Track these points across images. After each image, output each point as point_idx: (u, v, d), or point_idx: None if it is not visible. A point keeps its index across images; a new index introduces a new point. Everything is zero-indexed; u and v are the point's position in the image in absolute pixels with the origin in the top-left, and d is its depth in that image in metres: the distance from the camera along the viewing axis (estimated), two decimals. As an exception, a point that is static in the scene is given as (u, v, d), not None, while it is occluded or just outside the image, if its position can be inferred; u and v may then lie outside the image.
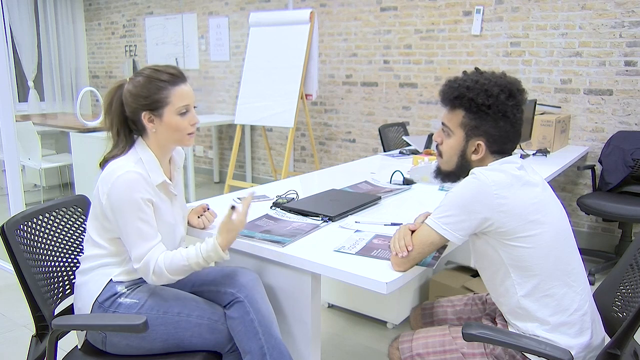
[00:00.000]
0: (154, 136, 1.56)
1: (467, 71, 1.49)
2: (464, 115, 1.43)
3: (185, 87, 1.55)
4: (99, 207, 1.52)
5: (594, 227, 3.86)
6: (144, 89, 1.50)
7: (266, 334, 1.53)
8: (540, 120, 3.49)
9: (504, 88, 1.40)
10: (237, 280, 1.61)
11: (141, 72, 1.54)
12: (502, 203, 1.33)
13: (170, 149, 1.63)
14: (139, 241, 1.47)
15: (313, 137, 5.05)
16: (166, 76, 1.52)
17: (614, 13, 3.53)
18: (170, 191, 1.62)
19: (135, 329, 1.36)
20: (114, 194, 1.45)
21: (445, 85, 1.48)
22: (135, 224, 1.46)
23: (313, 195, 2.17)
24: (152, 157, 1.56)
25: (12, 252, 1.48)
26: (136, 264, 1.48)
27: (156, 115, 1.53)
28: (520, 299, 1.39)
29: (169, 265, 1.48)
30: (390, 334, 2.68)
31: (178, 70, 1.56)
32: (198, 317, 1.54)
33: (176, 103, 1.52)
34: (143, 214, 1.47)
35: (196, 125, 1.60)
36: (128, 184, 1.45)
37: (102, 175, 1.49)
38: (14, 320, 2.78)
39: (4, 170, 3.56)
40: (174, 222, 1.62)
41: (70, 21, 7.27)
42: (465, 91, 1.42)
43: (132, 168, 1.48)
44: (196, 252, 1.51)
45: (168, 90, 1.51)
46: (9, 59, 3.22)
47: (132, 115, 1.55)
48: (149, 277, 1.49)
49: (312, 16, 4.38)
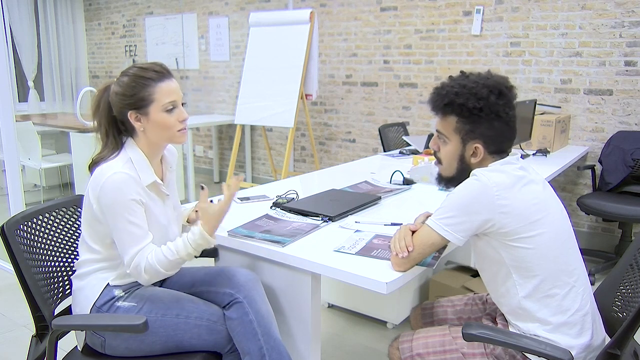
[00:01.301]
0: (143, 135, 1.54)
1: (452, 76, 1.47)
2: (457, 121, 1.42)
3: (171, 83, 1.52)
4: (90, 212, 1.50)
5: (594, 227, 3.86)
6: (128, 88, 1.48)
7: (265, 335, 1.52)
8: (540, 120, 3.49)
9: (492, 89, 1.39)
10: (236, 280, 1.61)
11: (126, 71, 1.52)
12: (504, 204, 1.33)
13: (162, 147, 1.61)
14: (130, 244, 1.46)
15: (313, 137, 5.05)
16: (151, 73, 1.49)
17: (614, 13, 3.53)
18: (161, 191, 1.60)
19: (136, 329, 1.35)
20: (103, 196, 1.44)
21: (433, 93, 1.47)
22: (124, 227, 1.45)
23: (313, 195, 2.16)
24: (142, 157, 1.54)
25: (12, 252, 1.48)
26: (127, 268, 1.48)
27: (142, 114, 1.50)
28: (521, 300, 1.38)
29: (160, 261, 1.47)
30: (390, 334, 2.67)
31: (163, 67, 1.53)
32: (197, 319, 1.53)
33: (161, 100, 1.49)
34: (132, 216, 1.45)
35: (186, 121, 1.56)
36: (117, 185, 1.43)
37: (91, 179, 1.48)
38: (14, 320, 2.78)
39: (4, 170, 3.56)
40: (166, 222, 1.60)
41: (70, 21, 7.27)
42: (455, 97, 1.40)
43: (120, 169, 1.46)
44: (184, 243, 1.49)
45: (152, 88, 1.48)
46: (9, 59, 3.22)
47: (119, 115, 1.52)
48: (142, 277, 1.48)
49: (312, 16, 4.38)
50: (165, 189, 1.61)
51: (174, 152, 1.74)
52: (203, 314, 1.55)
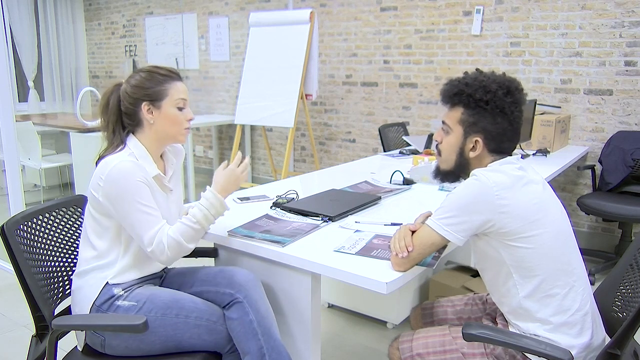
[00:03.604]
0: (149, 129, 1.60)
1: (468, 72, 1.51)
2: (463, 112, 1.45)
3: (181, 84, 1.63)
4: (95, 204, 1.53)
5: (594, 227, 3.86)
6: (145, 81, 1.58)
7: (265, 335, 1.52)
8: (540, 120, 3.49)
9: (502, 85, 1.42)
10: (236, 280, 1.61)
11: (141, 69, 1.62)
12: (504, 204, 1.33)
13: (164, 144, 1.66)
14: (146, 227, 1.49)
15: (313, 137, 5.05)
16: (165, 71, 1.61)
17: (614, 13, 3.53)
18: (165, 185, 1.64)
19: (135, 329, 1.35)
20: (110, 184, 1.48)
21: (445, 84, 1.51)
22: (137, 212, 1.48)
23: (313, 195, 2.16)
24: (144, 151, 1.59)
25: (12, 252, 1.48)
26: (149, 247, 1.50)
27: (155, 107, 1.58)
28: (521, 300, 1.39)
29: (182, 233, 1.52)
30: (390, 334, 2.68)
31: (175, 69, 1.65)
32: (196, 319, 1.53)
33: (174, 95, 1.60)
34: (143, 199, 1.49)
35: (191, 122, 1.66)
36: (123, 172, 1.48)
37: (96, 172, 1.52)
38: (14, 320, 2.78)
39: (4, 170, 3.56)
40: (167, 217, 1.61)
41: (70, 21, 7.27)
42: (465, 87, 1.44)
43: (125, 158, 1.52)
44: (200, 209, 1.55)
45: (167, 84, 1.60)
46: (9, 59, 3.22)
47: (130, 107, 1.58)
48: (164, 255, 1.50)
49: (312, 16, 4.38)
50: (168, 183, 1.65)
51: (182, 151, 1.80)
52: (203, 313, 1.55)
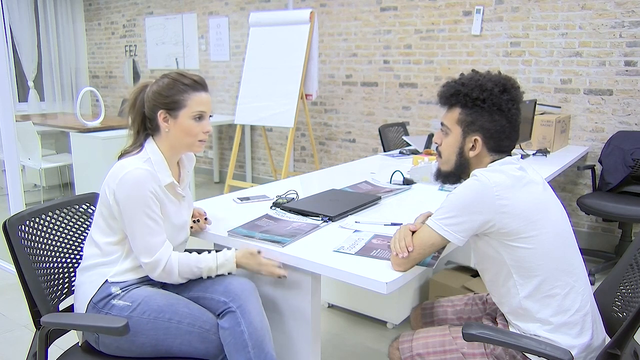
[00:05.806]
0: (165, 136, 1.59)
1: (464, 73, 1.52)
2: (460, 112, 1.45)
3: (205, 95, 1.60)
4: (106, 205, 1.54)
5: (594, 227, 3.86)
6: (166, 89, 1.56)
7: (256, 348, 1.49)
8: (540, 120, 3.49)
9: (497, 83, 1.43)
10: (231, 289, 1.57)
11: (168, 74, 1.61)
12: (504, 204, 1.33)
13: (180, 152, 1.66)
14: (148, 237, 1.50)
15: (313, 137, 5.05)
16: (189, 81, 1.58)
17: (614, 13, 3.53)
18: (178, 192, 1.63)
19: (115, 332, 1.34)
20: (121, 189, 1.48)
21: (442, 86, 1.52)
22: (142, 220, 1.49)
23: (313, 195, 2.16)
24: (161, 157, 1.59)
25: (12, 248, 1.49)
26: (145, 259, 1.50)
27: (172, 116, 1.57)
28: (522, 300, 1.39)
29: (181, 266, 1.53)
30: (390, 334, 2.67)
31: (201, 79, 1.62)
32: (189, 325, 1.51)
33: (193, 107, 1.57)
34: (150, 210, 1.50)
35: (208, 134, 1.64)
36: (136, 180, 1.48)
37: (110, 172, 1.53)
38: (14, 320, 2.78)
39: (4, 170, 3.56)
40: (179, 224, 1.63)
41: (70, 21, 7.27)
42: (461, 87, 1.45)
43: (140, 165, 1.51)
44: (213, 261, 1.58)
45: (188, 94, 1.57)
46: (9, 59, 3.22)
47: (150, 112, 1.59)
48: (156, 273, 1.52)
49: (312, 16, 4.38)
50: (181, 191, 1.65)
51: (192, 157, 1.80)
52: (196, 320, 1.52)
